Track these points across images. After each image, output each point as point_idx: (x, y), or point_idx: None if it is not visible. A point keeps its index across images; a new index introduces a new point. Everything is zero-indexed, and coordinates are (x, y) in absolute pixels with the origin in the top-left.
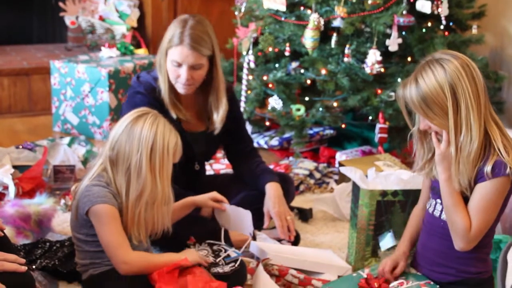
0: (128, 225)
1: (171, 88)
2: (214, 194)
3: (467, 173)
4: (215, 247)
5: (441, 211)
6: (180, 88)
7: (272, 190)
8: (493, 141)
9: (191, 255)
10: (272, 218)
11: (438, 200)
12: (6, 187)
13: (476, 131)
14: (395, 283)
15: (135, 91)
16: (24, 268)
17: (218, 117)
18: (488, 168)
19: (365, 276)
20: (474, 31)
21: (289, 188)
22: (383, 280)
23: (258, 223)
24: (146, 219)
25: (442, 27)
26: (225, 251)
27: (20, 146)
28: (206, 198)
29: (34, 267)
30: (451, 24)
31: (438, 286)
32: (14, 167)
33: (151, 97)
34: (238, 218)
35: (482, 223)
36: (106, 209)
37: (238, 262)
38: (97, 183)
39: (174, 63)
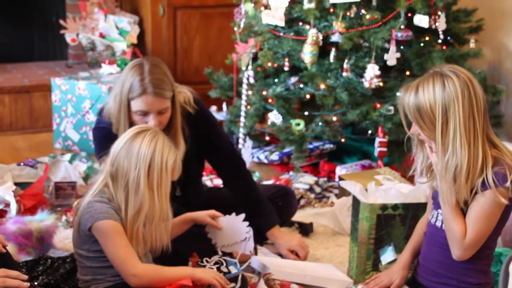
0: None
1: None
2: (213, 211)
3: (461, 191)
4: (216, 258)
5: (443, 221)
6: None
7: (278, 232)
8: (485, 165)
9: (206, 273)
10: (292, 251)
11: (440, 211)
12: (7, 204)
13: (463, 154)
14: None
15: (96, 126)
16: (27, 284)
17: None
18: (479, 182)
19: None
20: (472, 45)
21: (291, 201)
22: None
23: (257, 237)
24: (144, 236)
25: (440, 41)
26: (226, 265)
27: (22, 163)
28: (205, 215)
29: (36, 283)
30: (448, 38)
31: None
32: (16, 184)
33: (113, 133)
34: (232, 226)
35: (477, 232)
36: (109, 224)
37: (238, 284)
38: (99, 199)
39: (139, 113)
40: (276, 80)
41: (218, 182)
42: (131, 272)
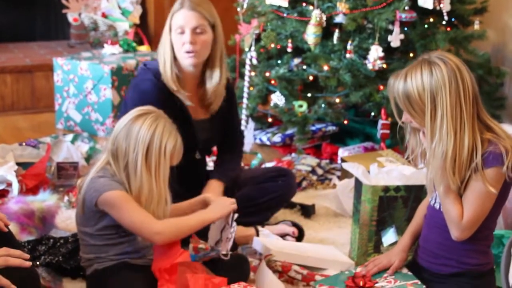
0: None
1: (176, 71)
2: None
3: (449, 178)
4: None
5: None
6: (185, 58)
7: (214, 184)
8: (474, 152)
9: (221, 210)
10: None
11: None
12: (9, 184)
13: (449, 142)
14: (382, 282)
15: (143, 78)
16: (29, 263)
17: (211, 86)
18: (472, 167)
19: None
20: (476, 26)
21: (291, 182)
22: (369, 278)
23: (257, 218)
24: None
25: (444, 22)
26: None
27: (24, 143)
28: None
29: (38, 263)
30: (453, 19)
31: (424, 286)
32: (18, 164)
33: (160, 83)
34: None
35: (473, 214)
36: (116, 194)
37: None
38: (102, 175)
39: (178, 30)
40: (279, 62)
41: None
42: (153, 230)
